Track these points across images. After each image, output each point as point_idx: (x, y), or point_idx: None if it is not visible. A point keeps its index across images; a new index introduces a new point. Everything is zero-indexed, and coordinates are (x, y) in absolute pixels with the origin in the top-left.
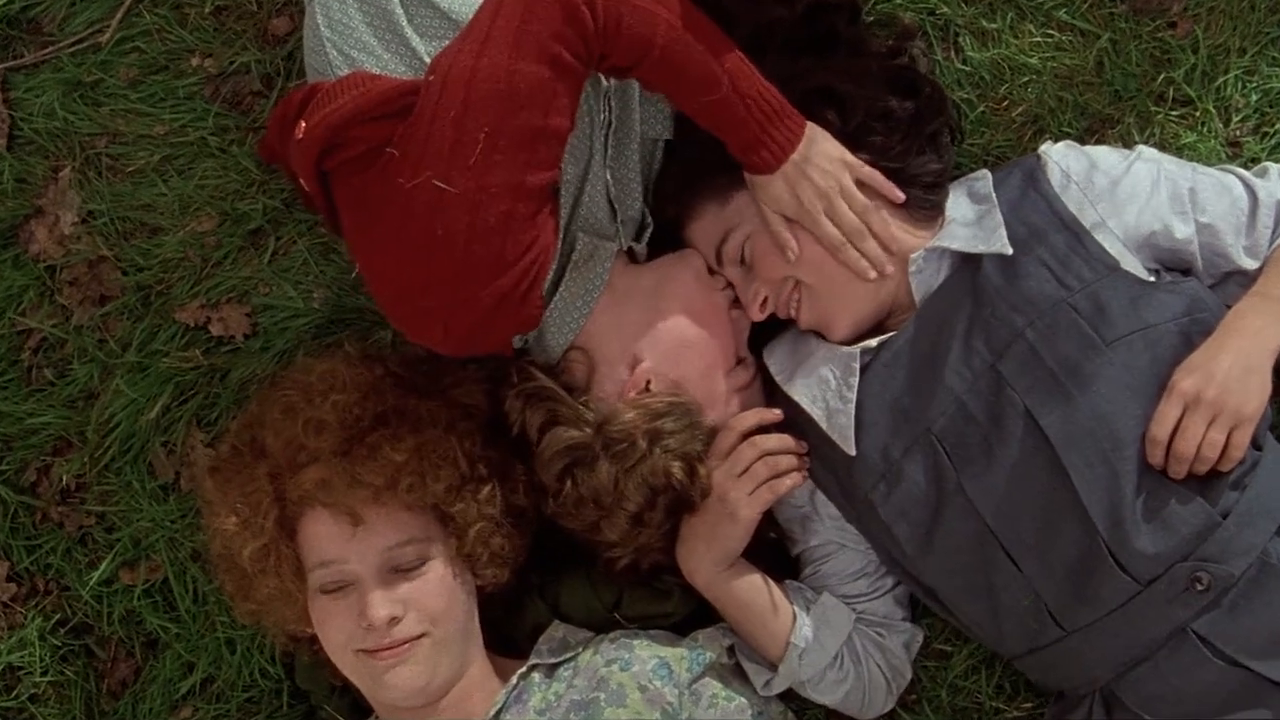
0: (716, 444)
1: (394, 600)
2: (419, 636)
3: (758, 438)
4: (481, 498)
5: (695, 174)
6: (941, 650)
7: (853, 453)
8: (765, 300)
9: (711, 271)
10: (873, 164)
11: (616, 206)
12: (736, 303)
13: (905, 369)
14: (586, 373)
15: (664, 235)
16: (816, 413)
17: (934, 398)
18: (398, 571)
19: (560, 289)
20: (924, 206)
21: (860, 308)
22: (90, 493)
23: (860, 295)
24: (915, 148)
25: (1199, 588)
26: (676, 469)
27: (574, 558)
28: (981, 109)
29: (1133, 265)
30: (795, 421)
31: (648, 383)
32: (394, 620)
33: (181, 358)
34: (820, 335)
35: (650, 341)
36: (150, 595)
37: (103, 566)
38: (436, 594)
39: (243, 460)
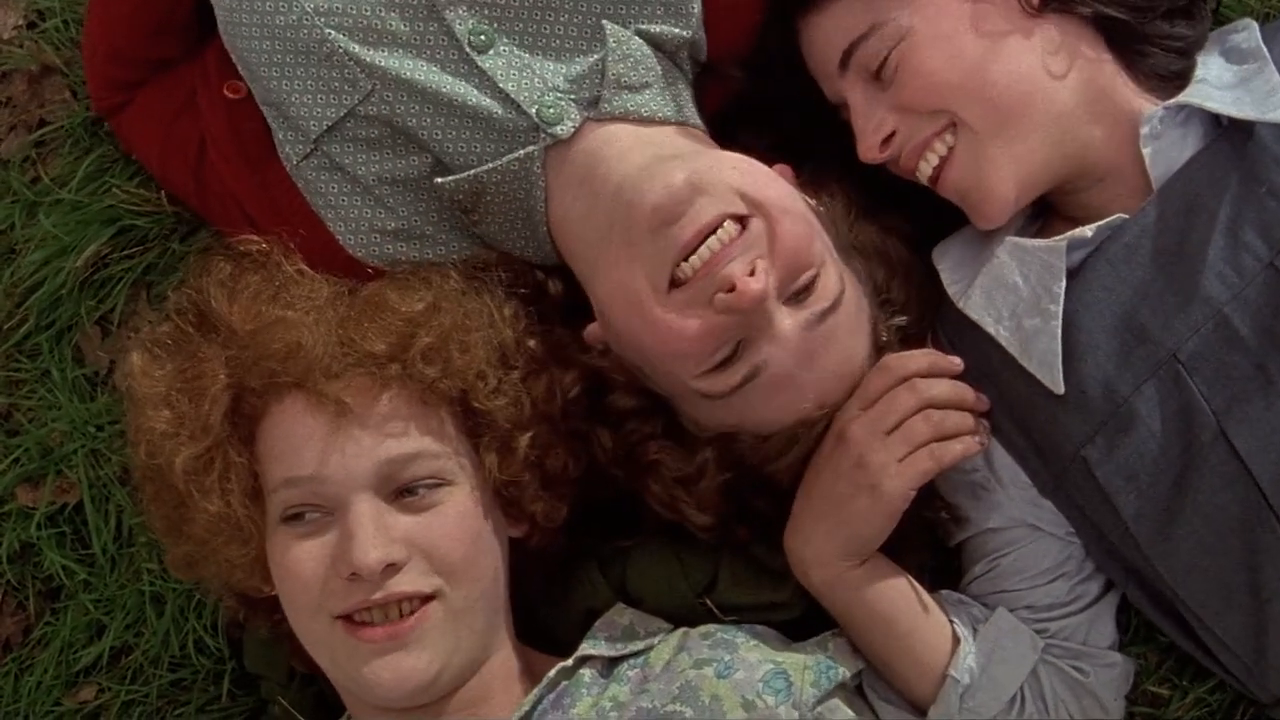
0: (863, 386)
1: (392, 539)
2: (427, 599)
3: (920, 382)
4: (536, 392)
5: None
6: (1155, 694)
7: (1059, 390)
8: (891, 137)
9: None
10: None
11: (514, 93)
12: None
13: (1140, 269)
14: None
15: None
16: (1003, 336)
17: (1182, 310)
18: (400, 498)
19: (480, 223)
20: (1162, 73)
21: (1034, 163)
22: None
23: (1040, 145)
24: (1162, 6)
25: None
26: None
27: (654, 516)
28: None
29: None
30: (976, 346)
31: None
32: (390, 568)
33: (135, 196)
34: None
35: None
36: (56, 524)
37: None
38: (456, 535)
39: (187, 338)
